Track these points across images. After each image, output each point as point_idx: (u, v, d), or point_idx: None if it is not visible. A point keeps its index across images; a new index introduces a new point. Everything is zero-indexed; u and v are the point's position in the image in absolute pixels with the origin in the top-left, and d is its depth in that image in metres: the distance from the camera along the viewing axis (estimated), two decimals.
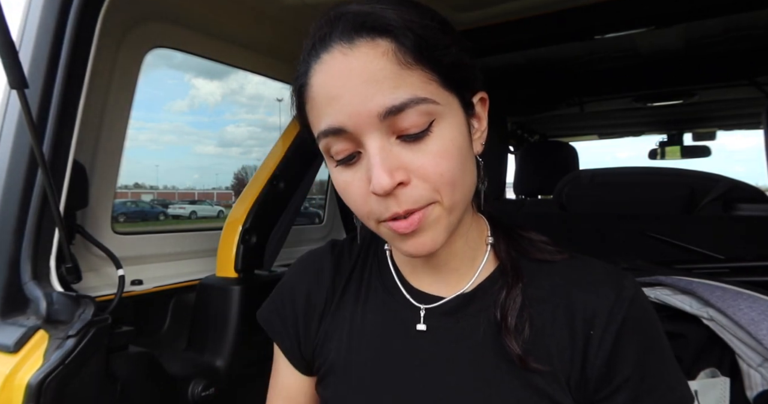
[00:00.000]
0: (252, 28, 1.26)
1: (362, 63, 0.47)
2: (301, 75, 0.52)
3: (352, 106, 0.47)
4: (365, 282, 0.65)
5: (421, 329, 0.59)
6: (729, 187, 1.40)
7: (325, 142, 0.51)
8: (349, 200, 0.52)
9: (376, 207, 0.50)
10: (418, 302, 0.60)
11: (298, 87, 0.53)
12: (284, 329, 0.68)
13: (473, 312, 0.58)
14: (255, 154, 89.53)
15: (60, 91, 0.82)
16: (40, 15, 0.82)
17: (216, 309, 1.17)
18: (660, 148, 3.22)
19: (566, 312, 0.55)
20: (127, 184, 27.61)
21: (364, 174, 0.49)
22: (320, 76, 0.49)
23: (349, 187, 0.51)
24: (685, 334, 1.03)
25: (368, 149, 0.48)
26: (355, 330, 0.62)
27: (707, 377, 0.98)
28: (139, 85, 1.13)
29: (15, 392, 0.73)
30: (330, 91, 0.48)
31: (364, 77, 0.46)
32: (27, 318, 0.80)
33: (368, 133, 0.48)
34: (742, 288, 0.97)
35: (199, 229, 1.43)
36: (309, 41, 0.52)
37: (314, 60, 0.50)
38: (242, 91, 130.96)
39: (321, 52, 0.49)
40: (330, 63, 0.48)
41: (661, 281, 1.07)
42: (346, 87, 0.47)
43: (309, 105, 0.52)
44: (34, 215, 0.81)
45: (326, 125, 0.49)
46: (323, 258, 0.69)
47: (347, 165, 0.51)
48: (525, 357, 0.53)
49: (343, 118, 0.48)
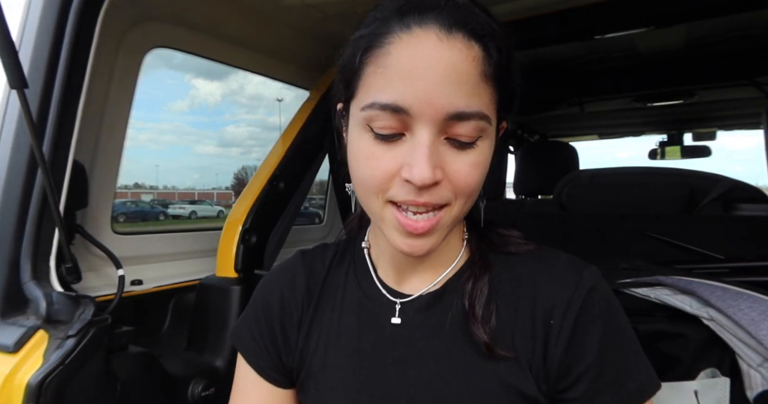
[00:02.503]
0: (252, 28, 1.26)
1: (454, 59, 0.47)
2: (375, 34, 0.49)
3: (426, 95, 0.47)
4: (341, 284, 0.66)
5: (396, 322, 0.60)
6: (729, 187, 1.40)
7: (372, 112, 0.49)
8: (369, 171, 0.51)
9: (397, 189, 0.51)
10: (393, 297, 0.62)
11: (365, 44, 0.50)
12: (257, 345, 0.66)
13: (443, 307, 0.60)
14: (255, 154, 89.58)
15: (60, 91, 0.82)
16: (40, 15, 0.82)
17: (216, 309, 1.18)
18: (660, 148, 3.22)
19: (529, 302, 0.57)
20: (127, 183, 27.61)
21: (399, 155, 0.50)
22: (406, 48, 0.47)
23: (377, 161, 0.51)
24: (685, 334, 1.03)
25: (419, 138, 0.49)
26: (333, 333, 0.63)
27: (707, 377, 0.98)
28: (140, 85, 1.13)
29: (15, 392, 0.73)
30: (411, 69, 0.47)
31: (450, 73, 0.47)
32: (27, 318, 0.80)
33: (426, 124, 0.48)
34: (743, 289, 0.97)
35: (199, 229, 1.43)
36: (400, 9, 0.49)
37: (401, 28, 0.48)
38: (242, 91, 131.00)
39: (413, 23, 0.48)
40: (422, 41, 0.47)
41: (661, 281, 1.07)
42: (429, 73, 0.47)
43: (372, 68, 0.49)
44: (34, 215, 0.81)
45: (389, 99, 0.48)
46: (295, 266, 0.69)
47: (382, 140, 0.50)
48: (491, 345, 0.54)
49: (411, 101, 0.47)
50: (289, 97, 0.71)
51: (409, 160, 0.49)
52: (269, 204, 1.28)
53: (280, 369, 0.66)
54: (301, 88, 1.53)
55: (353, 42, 0.52)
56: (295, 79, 1.50)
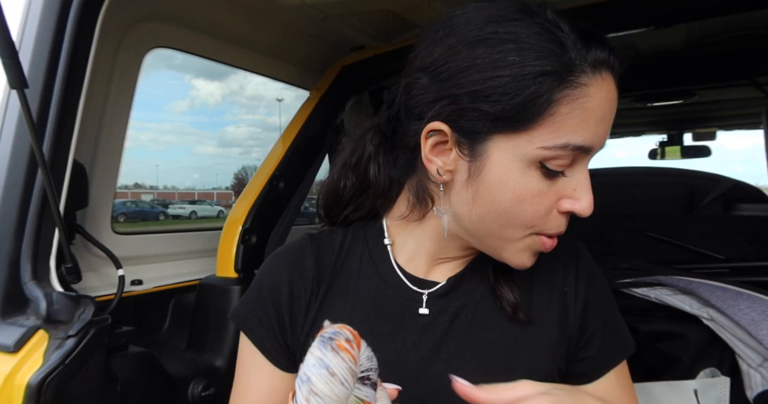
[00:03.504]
0: (252, 28, 1.26)
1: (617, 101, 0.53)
2: (565, 72, 0.48)
3: (605, 136, 0.53)
4: (355, 270, 0.66)
5: (424, 313, 0.62)
6: (729, 186, 1.40)
7: (559, 153, 0.50)
8: (533, 208, 0.52)
9: (553, 222, 0.54)
10: (418, 288, 0.64)
11: (554, 82, 0.48)
12: (264, 327, 0.65)
13: (467, 288, 0.63)
14: (255, 154, 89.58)
15: (60, 91, 0.82)
16: (40, 15, 0.82)
17: (216, 309, 1.17)
18: (660, 147, 3.22)
19: (540, 274, 0.64)
20: (127, 183, 27.60)
21: (559, 189, 0.53)
22: (601, 93, 0.50)
23: (543, 198, 0.52)
24: (685, 334, 1.03)
25: (581, 173, 0.53)
26: (345, 317, 0.63)
27: (707, 377, 0.98)
28: (141, 85, 1.13)
29: (15, 392, 0.73)
30: (603, 113, 0.51)
31: (614, 115, 0.53)
32: (27, 318, 0.80)
33: (588, 161, 0.53)
34: (742, 288, 0.97)
35: (199, 229, 1.43)
36: (581, 41, 0.49)
37: (595, 72, 0.49)
38: (242, 91, 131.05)
39: (603, 69, 0.50)
40: (609, 85, 0.51)
41: (661, 281, 1.07)
42: (611, 116, 0.52)
43: (567, 109, 0.48)
44: (34, 215, 0.81)
45: (584, 142, 0.50)
46: (303, 249, 0.68)
47: (549, 177, 0.52)
48: (520, 308, 0.60)
49: (597, 143, 0.52)
50: (289, 97, 0.71)
51: (574, 193, 0.53)
52: (269, 204, 1.28)
53: (285, 352, 0.65)
54: (301, 88, 1.53)
55: (531, 74, 0.48)
56: (295, 79, 1.50)
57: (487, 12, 0.52)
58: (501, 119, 0.50)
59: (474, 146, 0.52)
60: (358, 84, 1.44)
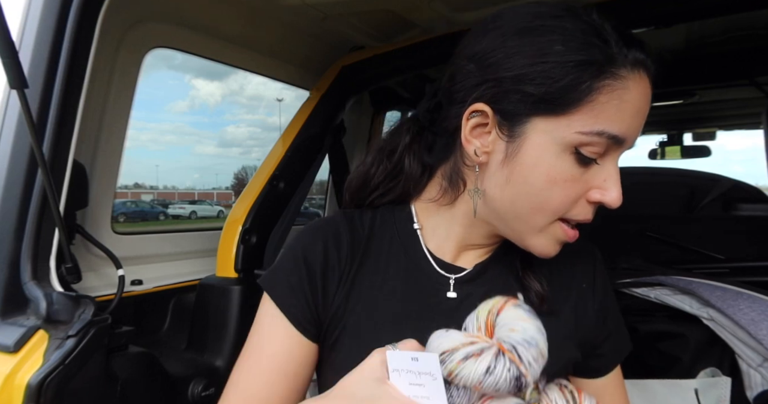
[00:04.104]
0: (252, 28, 1.26)
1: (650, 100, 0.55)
2: (607, 64, 0.52)
3: (638, 131, 0.55)
4: (385, 250, 0.67)
5: (452, 297, 0.64)
6: (729, 186, 1.40)
7: (593, 139, 0.52)
8: (563, 193, 0.55)
9: (580, 209, 0.57)
10: (446, 272, 0.65)
11: (595, 72, 0.51)
12: (294, 293, 0.64)
13: (492, 275, 0.66)
14: (255, 154, 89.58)
15: (60, 91, 0.82)
16: (40, 15, 0.82)
17: (216, 309, 1.17)
18: (660, 147, 3.22)
19: (560, 271, 0.67)
20: (127, 183, 27.61)
21: (590, 178, 0.55)
22: (638, 88, 0.53)
23: (574, 183, 0.55)
24: (685, 334, 1.03)
25: (612, 165, 0.55)
26: (374, 295, 0.64)
27: (707, 376, 0.98)
28: (141, 85, 1.13)
29: (15, 392, 0.73)
30: (638, 107, 0.54)
31: (648, 111, 0.56)
32: (27, 318, 0.80)
33: (619, 154, 0.56)
34: (742, 289, 0.97)
35: (199, 229, 1.43)
36: (623, 39, 0.53)
37: (634, 69, 0.53)
38: (242, 91, 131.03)
39: (641, 68, 0.53)
40: (645, 83, 0.54)
41: (661, 281, 1.07)
42: (645, 113, 0.55)
43: (606, 98, 0.52)
44: (33, 215, 0.81)
45: (619, 131, 0.53)
46: (339, 224, 0.68)
47: (582, 163, 0.54)
48: (546, 295, 0.63)
49: (631, 135, 0.54)
50: (289, 97, 0.71)
51: (604, 184, 0.55)
52: (269, 204, 1.28)
53: (312, 319, 0.64)
54: (301, 88, 1.53)
55: (573, 61, 0.51)
56: (295, 79, 1.50)
57: (536, 9, 0.55)
58: (543, 101, 0.53)
59: (513, 127, 0.55)
60: (358, 84, 1.44)
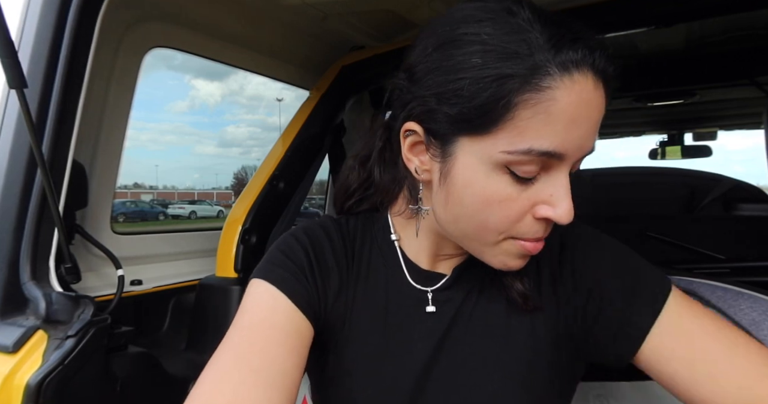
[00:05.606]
0: (252, 28, 1.26)
1: (602, 103, 0.49)
2: (530, 75, 0.46)
3: (582, 141, 0.49)
4: (366, 259, 0.66)
5: (431, 311, 0.62)
6: (730, 186, 1.40)
7: (523, 158, 0.47)
8: (502, 213, 0.51)
9: (527, 227, 0.52)
10: (423, 285, 0.63)
11: (516, 85, 0.46)
12: (296, 278, 0.60)
13: (471, 277, 0.63)
14: (255, 154, 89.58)
15: (59, 90, 0.82)
16: (39, 15, 0.82)
17: (216, 309, 1.17)
18: (660, 147, 3.23)
19: (533, 262, 0.62)
20: (127, 183, 27.60)
21: (533, 195, 0.50)
22: (570, 95, 0.46)
23: (512, 203, 0.50)
24: None
25: (561, 179, 0.50)
26: (358, 303, 0.63)
27: None
28: (141, 85, 1.13)
29: (14, 392, 0.72)
30: (574, 117, 0.47)
31: (599, 118, 0.49)
32: (26, 318, 0.80)
33: (567, 165, 0.50)
34: (743, 289, 0.97)
35: (199, 229, 1.43)
36: (550, 42, 0.46)
37: (563, 72, 0.46)
38: (242, 91, 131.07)
39: (573, 69, 0.46)
40: (583, 87, 0.47)
41: None
42: (587, 120, 0.48)
43: (529, 113, 0.46)
44: (33, 215, 0.81)
45: (550, 147, 0.47)
46: (329, 228, 0.67)
47: (520, 182, 0.49)
48: (528, 295, 0.59)
49: (570, 148, 0.48)
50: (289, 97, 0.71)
51: (550, 199, 0.50)
52: (269, 204, 1.28)
53: (312, 303, 0.60)
54: (301, 88, 1.53)
55: (490, 77, 0.46)
56: (295, 79, 1.50)
57: (464, 12, 0.50)
58: (461, 121, 0.49)
59: (443, 147, 0.52)
60: (358, 84, 1.44)
